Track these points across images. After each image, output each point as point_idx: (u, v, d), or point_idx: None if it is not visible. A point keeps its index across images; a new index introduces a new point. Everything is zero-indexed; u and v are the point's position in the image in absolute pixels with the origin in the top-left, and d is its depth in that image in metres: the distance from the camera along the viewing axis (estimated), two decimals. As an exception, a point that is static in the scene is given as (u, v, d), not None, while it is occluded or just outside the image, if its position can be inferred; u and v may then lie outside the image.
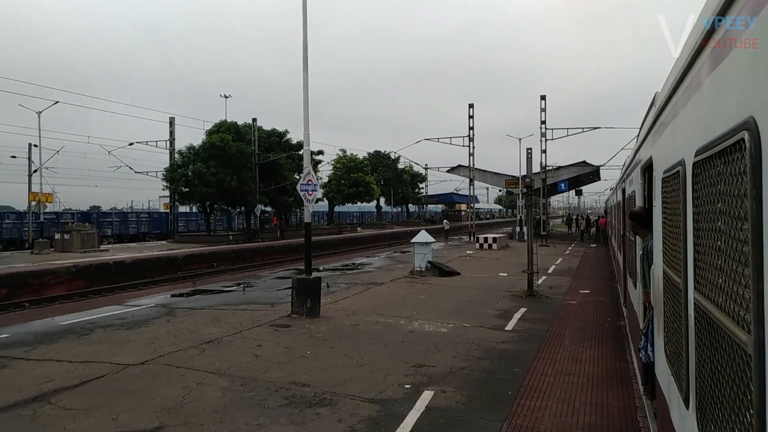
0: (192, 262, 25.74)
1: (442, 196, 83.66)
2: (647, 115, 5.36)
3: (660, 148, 3.87)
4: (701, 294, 2.18)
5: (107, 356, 8.03)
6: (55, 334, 9.65)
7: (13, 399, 6.21)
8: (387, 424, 5.53)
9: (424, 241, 18.36)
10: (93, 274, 20.51)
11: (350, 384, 6.83)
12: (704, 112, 2.17)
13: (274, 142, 41.02)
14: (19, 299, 16.83)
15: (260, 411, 5.89)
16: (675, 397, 2.99)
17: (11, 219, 35.69)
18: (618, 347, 8.81)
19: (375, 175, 60.74)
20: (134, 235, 42.66)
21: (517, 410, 5.99)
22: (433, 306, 12.39)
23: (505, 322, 10.69)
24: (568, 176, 40.86)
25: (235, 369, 7.42)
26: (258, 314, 11.40)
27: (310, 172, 12.17)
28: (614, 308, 12.23)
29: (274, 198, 40.51)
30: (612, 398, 6.41)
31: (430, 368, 7.50)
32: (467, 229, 43.64)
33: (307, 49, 11.90)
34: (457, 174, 45.34)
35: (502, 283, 16.10)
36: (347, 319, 10.79)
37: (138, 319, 11.03)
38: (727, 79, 1.81)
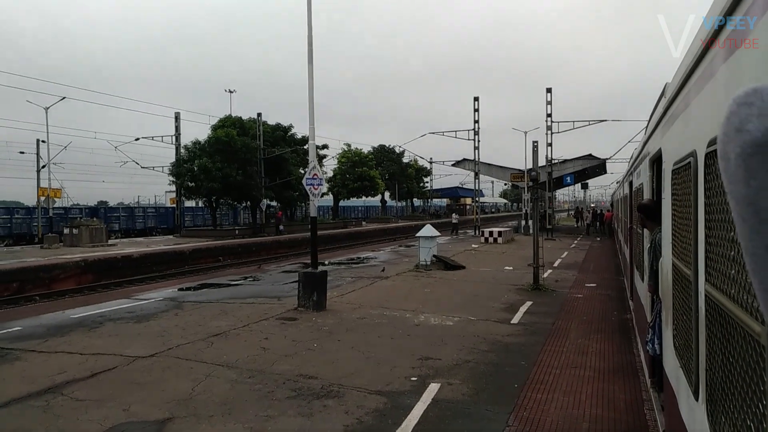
0: (199, 256, 25.88)
1: (446, 190, 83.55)
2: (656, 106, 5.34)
3: (670, 140, 3.86)
4: (713, 285, 2.19)
5: (117, 349, 8.11)
6: (66, 327, 9.74)
7: (26, 390, 6.30)
8: (394, 416, 5.57)
9: (429, 235, 18.37)
10: (102, 268, 20.66)
11: (357, 376, 6.88)
12: (718, 102, 2.17)
13: (278, 137, 41.07)
14: (30, 293, 16.99)
15: (268, 403, 5.94)
16: (684, 389, 3.00)
17: (21, 214, 35.93)
18: (624, 340, 8.82)
19: (380, 169, 60.68)
20: (141, 230, 42.86)
21: (524, 402, 6.02)
22: (438, 299, 12.42)
23: (511, 315, 10.70)
24: (574, 169, 40.75)
25: (243, 361, 7.48)
26: (265, 307, 11.46)
27: (315, 166, 12.18)
28: (620, 301, 12.22)
29: (280, 193, 40.59)
30: (619, 391, 6.42)
31: (437, 361, 7.54)
32: (472, 223, 43.66)
33: (312, 44, 11.90)
34: (462, 168, 45.34)
35: (508, 277, 16.10)
36: (353, 313, 10.83)
37: (147, 312, 11.12)
38: (742, 67, 1.81)
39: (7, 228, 34.13)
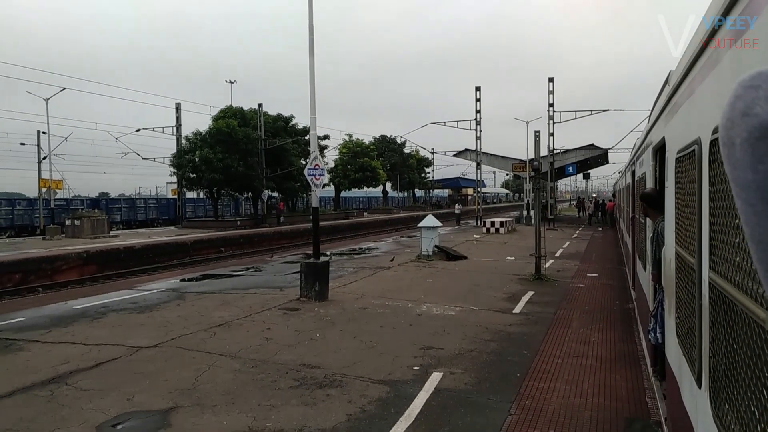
0: (200, 247, 25.91)
1: (448, 180, 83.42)
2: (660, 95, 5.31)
3: (674, 128, 3.83)
4: (716, 273, 2.18)
5: (121, 339, 8.15)
6: (69, 317, 9.78)
7: (30, 380, 6.33)
8: (396, 405, 5.60)
9: (431, 225, 18.37)
10: (104, 259, 20.71)
11: (360, 366, 6.90)
12: (724, 88, 2.15)
13: (279, 127, 40.97)
14: (33, 284, 17.05)
15: (271, 392, 5.97)
16: (686, 376, 3.01)
17: (23, 206, 36.00)
18: (626, 330, 8.83)
19: (381, 159, 60.56)
20: (143, 221, 42.92)
21: (526, 392, 6.04)
22: (440, 289, 12.44)
23: (513, 305, 10.72)
24: (576, 159, 40.65)
25: (246, 351, 7.51)
26: (267, 298, 11.49)
27: (317, 156, 12.16)
28: (622, 291, 12.23)
29: (281, 183, 40.57)
30: (620, 380, 6.44)
31: (439, 350, 7.56)
32: (474, 213, 43.60)
33: (313, 32, 11.84)
34: (464, 158, 45.20)
35: (510, 267, 16.11)
36: (355, 303, 10.86)
37: (149, 303, 11.15)
38: (748, 53, 1.79)
39: (9, 219, 34.20)
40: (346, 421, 5.24)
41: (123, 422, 5.20)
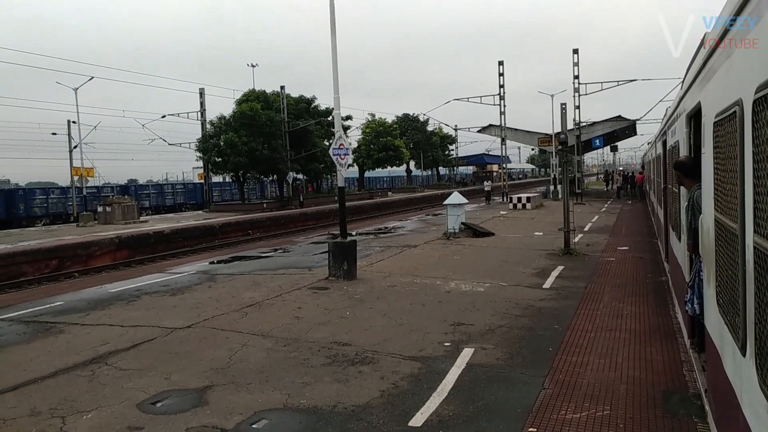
0: (228, 230, 26.28)
1: (472, 157, 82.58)
2: (694, 59, 5.11)
3: (710, 92, 3.69)
4: (762, 236, 2.10)
5: (155, 321, 8.34)
6: (105, 300, 10.06)
7: (72, 361, 6.54)
8: (429, 381, 5.62)
9: (456, 202, 18.24)
10: (135, 244, 21.18)
11: (390, 343, 6.94)
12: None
13: (302, 109, 41.00)
14: (69, 269, 17.57)
15: (304, 370, 6.05)
16: (729, 346, 2.93)
17: (56, 194, 36.92)
18: (660, 302, 8.68)
19: (404, 138, 60.23)
20: (171, 206, 43.64)
21: (559, 365, 6.00)
22: (468, 266, 12.39)
23: (543, 280, 10.62)
24: (603, 132, 39.71)
25: (278, 330, 7.61)
26: (296, 278, 11.61)
27: (341, 136, 12.14)
28: (654, 264, 12.00)
29: (305, 165, 40.72)
30: (656, 353, 6.34)
31: (469, 326, 7.54)
32: (500, 189, 43.09)
33: (334, 12, 11.72)
34: (488, 134, 44.58)
35: (538, 242, 15.94)
36: (384, 281, 10.89)
37: (181, 285, 11.38)
38: None
39: (44, 208, 35.15)
40: (380, 396, 5.29)
41: (162, 400, 5.34)
